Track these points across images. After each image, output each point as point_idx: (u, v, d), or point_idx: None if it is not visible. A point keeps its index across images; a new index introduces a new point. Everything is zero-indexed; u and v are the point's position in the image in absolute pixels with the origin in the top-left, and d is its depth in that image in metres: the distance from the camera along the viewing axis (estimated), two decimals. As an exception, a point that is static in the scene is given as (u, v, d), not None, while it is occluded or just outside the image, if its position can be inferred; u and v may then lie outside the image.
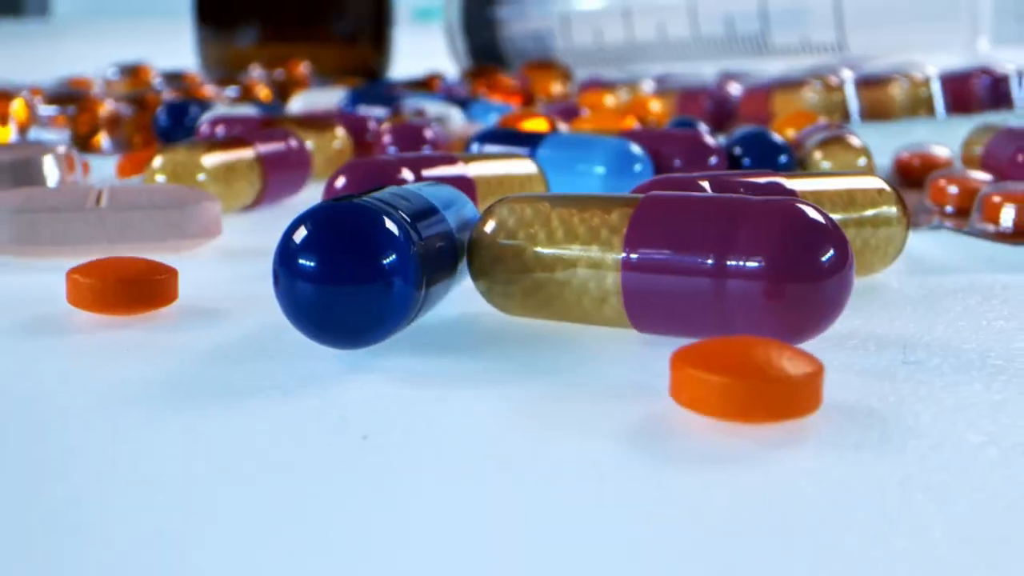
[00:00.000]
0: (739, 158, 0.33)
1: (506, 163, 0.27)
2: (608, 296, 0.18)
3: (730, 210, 0.17)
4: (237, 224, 0.30)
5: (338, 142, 0.38)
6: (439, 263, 0.18)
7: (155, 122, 0.46)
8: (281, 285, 0.17)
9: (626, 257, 0.17)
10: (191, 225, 0.25)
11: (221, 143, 0.31)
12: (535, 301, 0.19)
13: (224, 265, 0.25)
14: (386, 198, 0.18)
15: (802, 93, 0.47)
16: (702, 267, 0.17)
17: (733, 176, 0.22)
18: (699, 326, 0.17)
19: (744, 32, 0.67)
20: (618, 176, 0.31)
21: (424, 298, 0.18)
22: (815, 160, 0.33)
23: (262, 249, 0.26)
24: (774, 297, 0.17)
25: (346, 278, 0.16)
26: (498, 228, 0.19)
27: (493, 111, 0.47)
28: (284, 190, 0.33)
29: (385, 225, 0.17)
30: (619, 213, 0.18)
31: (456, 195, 0.21)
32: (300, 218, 0.17)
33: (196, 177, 0.30)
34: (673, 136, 0.33)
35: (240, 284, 0.23)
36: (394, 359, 0.17)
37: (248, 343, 0.18)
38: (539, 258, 0.18)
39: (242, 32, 0.77)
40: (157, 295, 0.20)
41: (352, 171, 0.25)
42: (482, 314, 0.20)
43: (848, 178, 0.23)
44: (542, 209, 0.19)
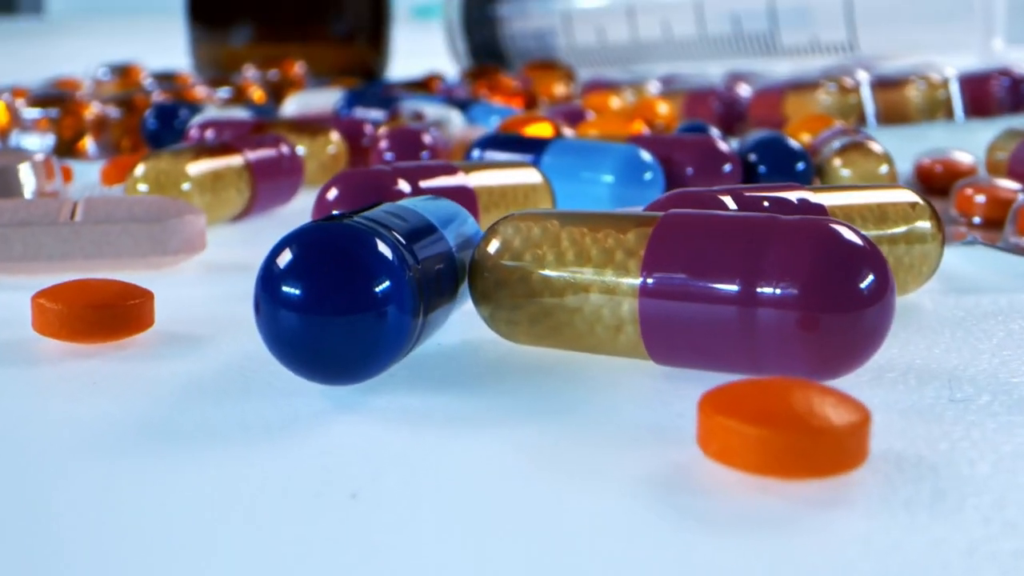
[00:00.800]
0: (754, 165, 0.31)
1: (509, 172, 0.26)
2: (624, 325, 0.16)
3: (758, 231, 0.15)
4: (224, 236, 0.28)
5: (332, 147, 0.37)
6: (438, 288, 0.17)
7: (143, 125, 0.45)
8: (263, 314, 0.15)
9: (644, 282, 0.16)
10: (173, 240, 0.23)
11: (208, 150, 0.29)
12: (543, 329, 0.17)
13: (207, 283, 0.23)
14: (378, 217, 0.16)
15: (816, 95, 0.45)
16: (728, 294, 0.15)
17: (755, 190, 0.20)
18: (724, 359, 0.16)
19: (752, 31, 0.65)
20: (627, 185, 0.29)
21: (421, 327, 0.16)
22: (834, 167, 0.31)
23: (250, 264, 0.25)
24: (808, 328, 0.15)
25: (335, 307, 0.15)
26: (502, 249, 0.17)
27: (494, 114, 0.45)
28: (275, 199, 0.31)
29: (377, 248, 0.15)
30: (636, 233, 0.16)
31: (455, 211, 0.19)
32: (284, 240, 0.15)
33: (181, 186, 0.28)
34: (684, 142, 0.31)
35: (224, 305, 0.21)
36: (387, 396, 0.16)
37: (228, 376, 0.17)
38: (547, 282, 0.17)
39: (236, 31, 0.75)
40: (130, 321, 0.18)
41: (345, 182, 0.23)
42: (485, 341, 0.18)
43: (878, 191, 0.21)
44: (550, 228, 0.17)
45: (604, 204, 0.29)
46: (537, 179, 0.26)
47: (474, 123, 0.45)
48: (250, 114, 0.45)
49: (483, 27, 0.78)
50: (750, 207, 0.19)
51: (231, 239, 0.28)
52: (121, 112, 0.48)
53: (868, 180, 0.31)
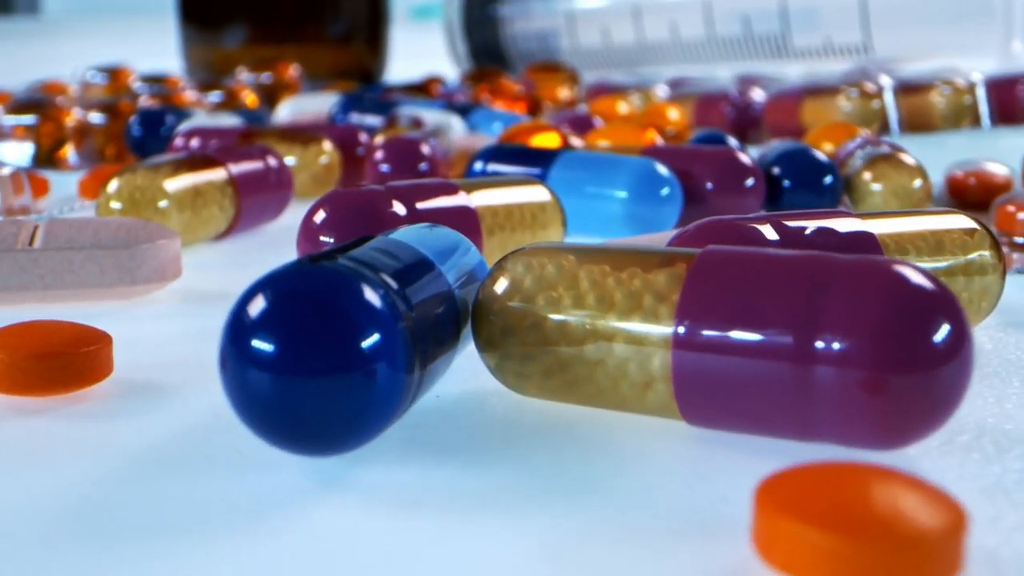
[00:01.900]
0: (778, 179, 0.29)
1: (515, 191, 0.23)
2: (654, 382, 0.14)
3: (814, 273, 0.13)
4: (204, 258, 0.26)
5: (325, 158, 0.34)
6: (436, 335, 0.14)
7: (127, 133, 0.42)
8: (230, 372, 0.13)
9: (678, 332, 0.13)
10: (143, 268, 0.21)
11: (188, 163, 0.27)
12: (558, 383, 0.15)
13: (180, 316, 0.21)
14: (365, 257, 0.14)
15: (836, 101, 0.43)
16: (779, 348, 0.13)
17: (796, 218, 0.18)
18: (771, 423, 0.13)
19: (762, 32, 0.63)
20: (643, 201, 0.27)
21: (417, 384, 0.14)
22: (863, 182, 0.29)
23: (230, 292, 0.22)
24: (874, 390, 0.13)
25: (314, 366, 0.13)
26: (511, 290, 0.15)
27: (497, 120, 0.43)
28: (261, 216, 0.29)
29: (363, 296, 0.13)
30: (667, 274, 0.14)
31: (455, 241, 0.17)
32: (255, 287, 0.13)
33: (157, 204, 0.26)
34: (703, 154, 0.29)
35: (196, 344, 0.19)
36: (378, 470, 0.13)
37: (192, 441, 0.14)
38: (564, 331, 0.14)
39: (229, 32, 0.73)
40: (83, 372, 0.16)
41: (334, 204, 0.21)
42: (490, 392, 0.16)
43: (931, 217, 0.19)
44: (566, 265, 0.15)
45: (618, 222, 0.27)
46: (545, 197, 0.24)
47: (475, 130, 0.43)
48: (240, 120, 0.43)
49: (484, 28, 0.76)
50: (793, 238, 0.17)
51: (211, 262, 0.26)
52: (105, 118, 0.45)
53: (901, 195, 0.29)
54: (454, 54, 0.77)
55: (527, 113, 0.49)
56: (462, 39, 0.76)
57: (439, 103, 0.46)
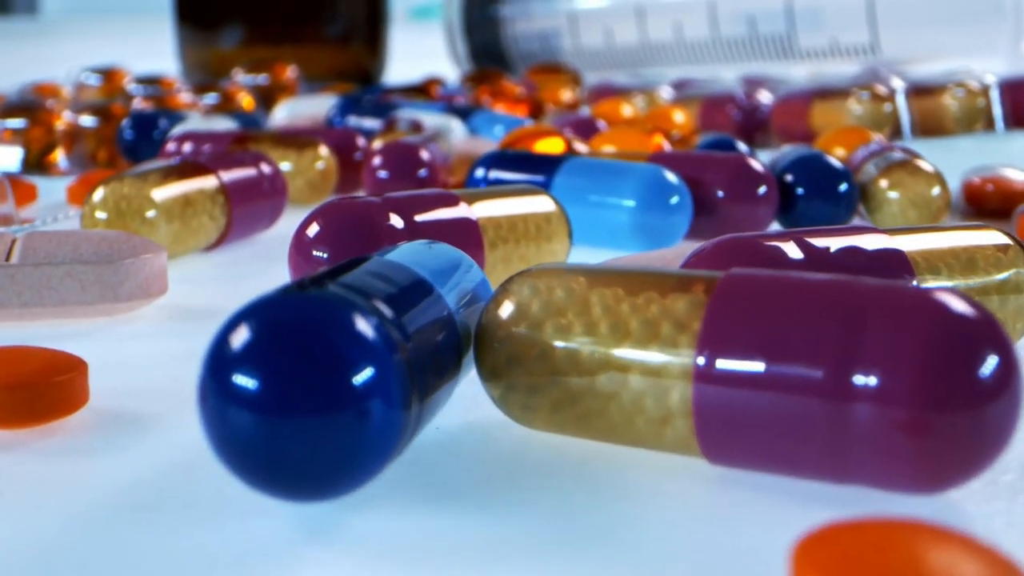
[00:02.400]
0: (791, 186, 0.28)
1: (518, 201, 0.22)
2: (672, 417, 0.13)
3: (847, 300, 0.12)
4: (193, 270, 0.25)
5: (321, 163, 0.33)
6: (435, 365, 0.13)
7: (119, 136, 0.41)
8: (210, 409, 0.12)
9: (700, 364, 0.12)
10: (126, 284, 0.20)
11: (177, 171, 0.26)
12: (568, 418, 0.14)
13: (165, 336, 0.20)
14: (357, 282, 0.13)
15: (847, 104, 0.42)
16: (810, 383, 0.12)
17: (819, 235, 0.16)
18: (801, 464, 0.12)
19: (768, 33, 0.62)
20: (651, 210, 0.26)
21: (415, 419, 0.13)
22: (880, 189, 0.28)
23: (219, 308, 0.21)
24: (915, 430, 0.12)
25: (302, 405, 0.11)
26: (517, 315, 0.14)
27: (498, 123, 0.42)
28: (254, 225, 0.28)
29: (355, 327, 0.12)
30: (687, 300, 0.13)
31: (455, 258, 0.16)
32: (238, 317, 0.12)
33: (145, 214, 0.24)
34: (713, 161, 0.28)
35: (180, 368, 0.17)
36: (373, 516, 0.12)
37: (171, 482, 0.13)
38: (574, 361, 0.13)
39: (226, 32, 0.72)
40: (55, 403, 0.14)
41: (328, 216, 0.20)
42: (493, 424, 0.15)
43: (961, 232, 0.18)
44: (577, 289, 0.14)
45: (625, 232, 0.26)
46: (550, 207, 0.23)
47: (476, 134, 0.42)
48: (235, 123, 0.42)
49: (484, 28, 0.75)
50: (818, 257, 0.16)
51: (201, 275, 0.25)
52: (97, 121, 0.44)
53: (919, 203, 0.28)
54: (454, 55, 0.76)
55: (529, 116, 0.48)
56: (462, 40, 0.75)
57: (439, 106, 0.45)
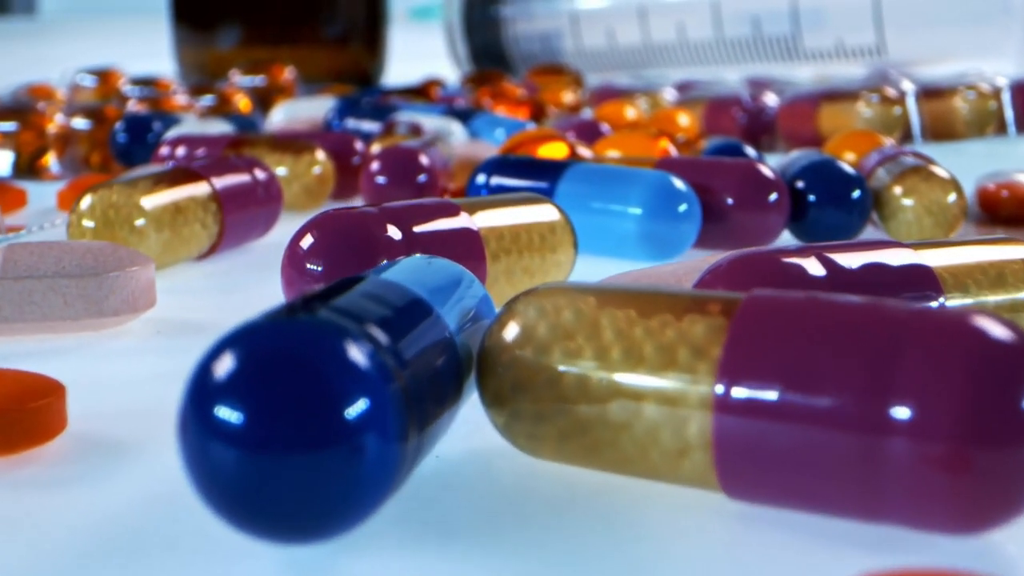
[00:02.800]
0: (802, 193, 0.27)
1: (521, 210, 0.21)
2: (690, 450, 0.12)
3: (881, 324, 0.11)
4: (183, 281, 0.24)
5: (318, 168, 0.32)
6: (435, 392, 0.12)
7: (112, 140, 0.40)
8: (191, 444, 0.11)
9: (721, 393, 0.12)
10: (111, 298, 0.19)
11: (168, 177, 0.25)
12: (577, 448, 0.13)
13: (151, 355, 0.19)
14: (351, 305, 0.12)
15: (856, 107, 0.41)
16: (841, 415, 0.11)
17: (841, 250, 0.16)
18: (830, 501, 0.11)
19: (772, 34, 0.61)
20: (658, 218, 0.25)
21: (414, 452, 0.12)
22: (893, 196, 0.27)
23: (210, 323, 0.20)
24: (955, 467, 0.11)
25: (291, 440, 0.11)
26: (522, 338, 0.13)
27: (499, 126, 0.41)
28: (248, 233, 0.27)
29: (347, 355, 0.11)
30: (706, 324, 0.12)
31: (455, 275, 0.15)
32: (221, 344, 0.11)
33: (134, 222, 0.24)
34: (722, 167, 0.27)
35: (167, 389, 0.16)
36: (366, 560, 0.11)
37: (152, 518, 0.12)
38: (584, 388, 0.12)
39: (223, 33, 0.71)
40: (30, 431, 0.14)
41: (322, 228, 0.19)
42: (496, 452, 0.14)
43: (987, 247, 0.17)
44: (586, 310, 0.13)
45: (631, 241, 0.25)
46: (555, 216, 0.22)
47: (477, 137, 0.41)
48: (231, 126, 0.41)
49: (485, 29, 0.74)
50: (841, 274, 0.15)
51: (192, 286, 0.24)
52: (90, 124, 0.43)
53: (934, 211, 0.27)
54: (454, 56, 0.75)
55: (530, 118, 0.47)
56: (462, 40, 0.74)
57: (439, 108, 0.44)
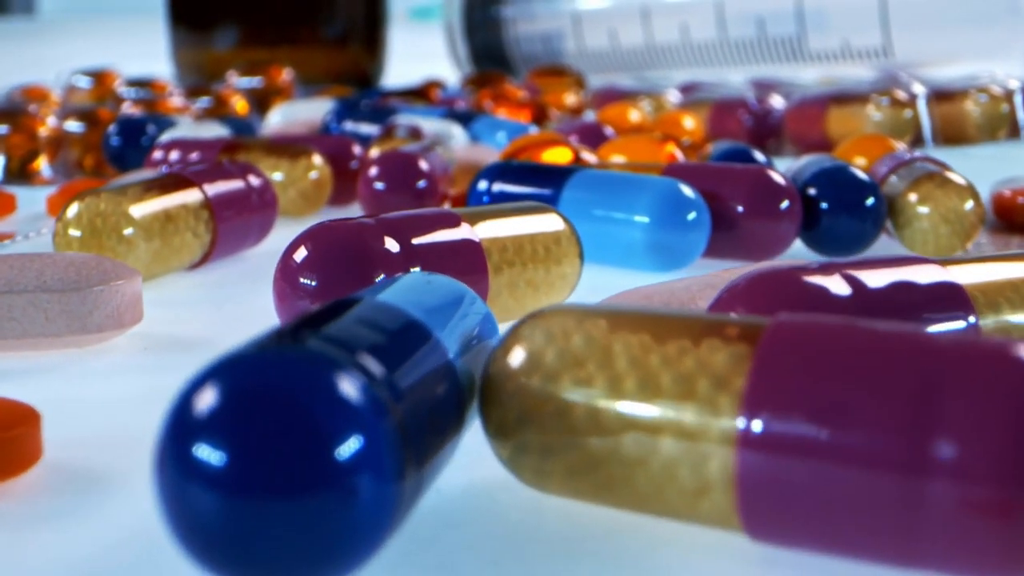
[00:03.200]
0: (814, 200, 0.26)
1: (525, 220, 0.21)
2: (710, 488, 0.11)
3: (921, 355, 0.10)
4: (173, 293, 0.23)
5: (315, 173, 0.32)
6: (435, 425, 0.11)
7: (105, 143, 0.40)
8: (168, 487, 0.10)
9: (745, 429, 0.11)
10: (95, 314, 0.18)
11: (158, 185, 0.24)
12: (587, 485, 0.12)
13: (137, 374, 0.18)
14: (342, 332, 0.11)
15: (866, 110, 0.40)
16: (876, 453, 0.10)
17: (866, 267, 0.15)
18: (863, 546, 0.10)
19: (777, 34, 0.60)
20: (666, 227, 0.24)
21: (412, 491, 0.11)
22: (908, 203, 0.26)
23: (200, 338, 0.19)
24: (1001, 512, 0.10)
25: (277, 483, 0.10)
26: (529, 366, 0.12)
27: (501, 129, 0.40)
28: (241, 241, 0.26)
29: (338, 390, 0.10)
30: (728, 352, 0.11)
31: (455, 293, 0.14)
32: (201, 378, 0.10)
33: (122, 231, 0.23)
34: (733, 174, 0.26)
35: (152, 410, 0.16)
36: (360, 609, 0.11)
37: (129, 561, 0.11)
38: (596, 420, 0.11)
39: (220, 33, 0.70)
40: (4, 463, 0.13)
41: (317, 240, 0.18)
42: (500, 486, 0.13)
43: (1021, 262, 0.16)
44: (597, 335, 0.12)
45: (638, 250, 0.24)
46: (560, 226, 0.21)
47: (478, 140, 0.40)
48: (227, 129, 0.40)
49: (486, 29, 0.73)
50: (867, 294, 0.14)
51: (182, 297, 0.23)
52: (83, 127, 0.42)
53: (951, 219, 0.26)
54: (455, 57, 0.75)
55: (532, 121, 0.46)
56: (463, 41, 0.73)
57: (439, 110, 0.43)
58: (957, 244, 0.26)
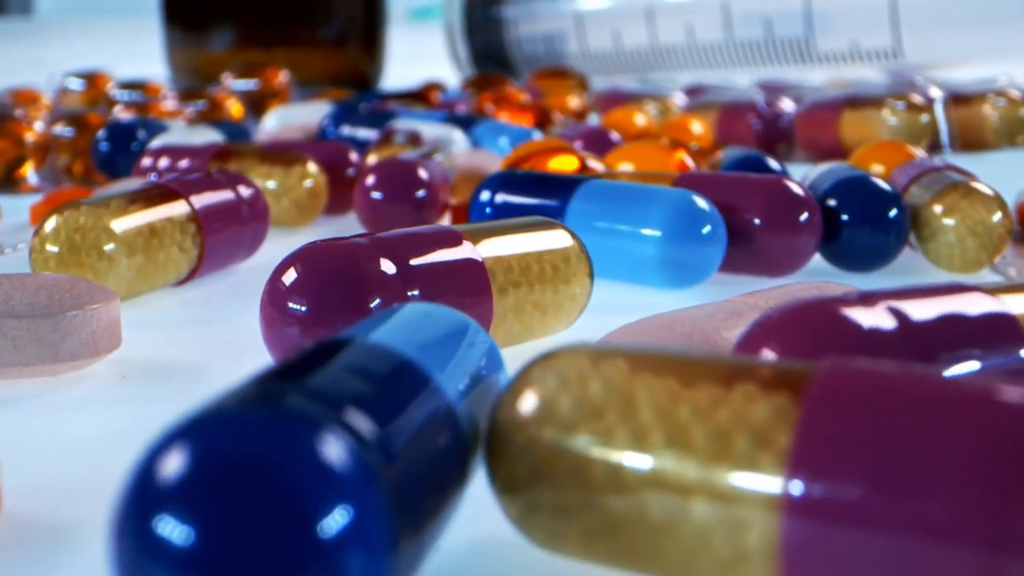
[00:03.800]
0: (834, 212, 0.25)
1: (530, 237, 0.19)
2: (749, 559, 0.10)
3: (996, 413, 0.09)
4: (157, 312, 0.22)
5: (310, 181, 0.30)
6: (433, 482, 0.10)
7: (94, 149, 0.38)
8: (125, 568, 0.09)
9: (792, 493, 0.09)
10: (68, 341, 0.17)
11: (142, 197, 0.23)
12: (607, 550, 0.10)
13: (111, 407, 0.16)
14: (327, 384, 0.10)
15: (881, 115, 0.38)
16: (944, 524, 0.09)
17: (908, 297, 0.13)
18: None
19: (784, 35, 0.59)
20: (680, 242, 0.23)
21: (409, 561, 0.09)
22: (933, 215, 0.25)
23: (183, 364, 0.18)
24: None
25: (253, 565, 0.08)
26: (541, 414, 0.11)
27: (503, 134, 0.39)
28: (231, 255, 0.25)
29: (320, 456, 0.09)
30: (770, 405, 0.10)
31: (456, 326, 0.12)
32: (165, 441, 0.09)
33: (103, 248, 0.21)
34: (748, 184, 0.24)
35: (126, 449, 0.14)
36: None
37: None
38: (617, 479, 0.10)
39: (215, 34, 0.69)
40: (-51, 519, 0.11)
41: (306, 262, 0.16)
42: (508, 544, 0.12)
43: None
44: (617, 379, 0.10)
45: (650, 266, 0.23)
46: (568, 243, 0.20)
47: (479, 146, 0.39)
48: (220, 134, 0.39)
49: (487, 30, 0.72)
50: (915, 329, 0.13)
51: (166, 317, 0.21)
52: (73, 132, 0.41)
53: (979, 232, 0.25)
54: (455, 58, 0.73)
55: (535, 126, 0.45)
56: (463, 42, 0.72)
57: (439, 114, 0.42)
58: (984, 258, 0.25)
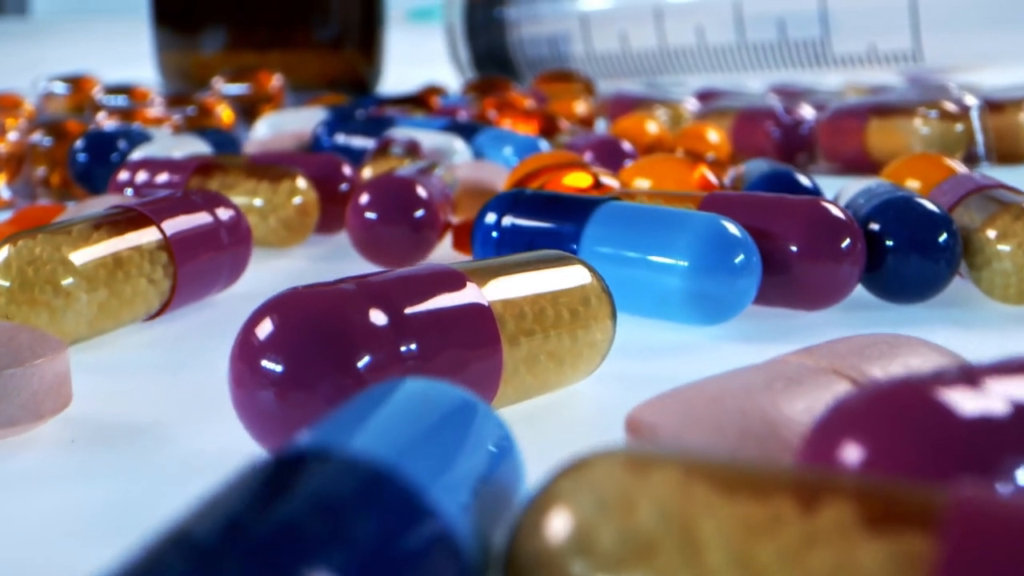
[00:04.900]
0: (878, 236, 0.22)
1: (544, 276, 0.17)
2: None
3: None
4: (119, 354, 0.19)
5: (299, 198, 0.28)
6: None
7: (71, 160, 0.36)
8: None
9: None
10: (6, 404, 0.14)
11: (107, 223, 0.20)
12: None
13: (57, 483, 0.14)
14: (280, 534, 0.07)
15: (912, 124, 0.36)
16: None
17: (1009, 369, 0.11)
18: None
19: (799, 37, 0.56)
20: (710, 273, 0.20)
21: None
22: (986, 240, 0.22)
23: (140, 425, 0.16)
24: None
25: None
26: (575, 548, 0.08)
27: (507, 143, 0.36)
28: (208, 286, 0.22)
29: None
30: (887, 549, 0.07)
31: (461, 413, 0.10)
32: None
33: (59, 282, 0.19)
34: (782, 206, 0.22)
35: (66, 541, 0.12)
36: None
37: None
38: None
39: (207, 36, 0.66)
40: None
41: (284, 312, 0.14)
42: None
43: None
44: (672, 502, 0.08)
45: (676, 300, 0.20)
46: (587, 280, 0.17)
47: (482, 156, 0.36)
48: (207, 144, 0.36)
49: (489, 32, 0.69)
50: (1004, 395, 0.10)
51: (131, 360, 0.19)
52: (50, 141, 0.39)
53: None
54: (456, 60, 0.71)
55: (541, 133, 0.42)
56: (464, 44, 0.69)
57: (439, 122, 0.40)
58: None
